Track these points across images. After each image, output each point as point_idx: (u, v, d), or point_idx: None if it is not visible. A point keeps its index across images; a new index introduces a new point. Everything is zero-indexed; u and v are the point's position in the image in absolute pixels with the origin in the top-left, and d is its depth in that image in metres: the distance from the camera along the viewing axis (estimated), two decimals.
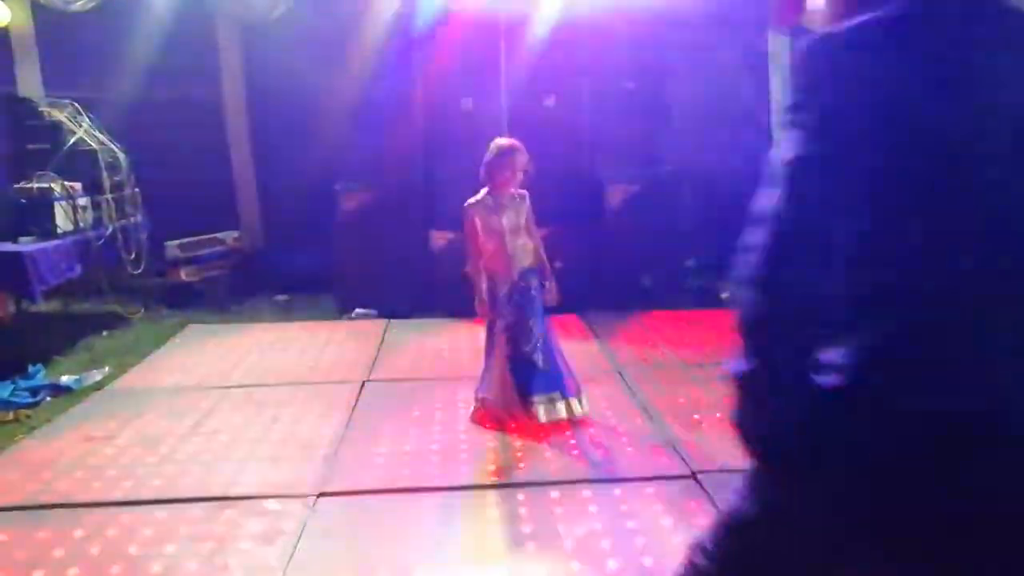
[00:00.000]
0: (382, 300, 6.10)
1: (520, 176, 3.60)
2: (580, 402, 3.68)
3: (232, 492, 3.03)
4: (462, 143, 6.06)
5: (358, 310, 6.08)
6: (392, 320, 5.75)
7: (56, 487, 3.08)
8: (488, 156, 3.59)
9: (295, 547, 2.62)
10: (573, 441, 3.49)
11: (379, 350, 5.01)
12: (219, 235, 6.75)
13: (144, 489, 3.06)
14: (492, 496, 3.00)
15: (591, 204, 6.35)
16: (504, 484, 3.09)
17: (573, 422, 3.63)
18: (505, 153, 3.55)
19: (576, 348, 4.71)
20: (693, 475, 3.09)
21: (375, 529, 2.75)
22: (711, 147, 6.56)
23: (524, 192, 3.68)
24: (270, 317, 6.11)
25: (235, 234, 6.88)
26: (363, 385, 4.32)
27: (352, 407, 3.97)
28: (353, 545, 2.64)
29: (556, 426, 3.61)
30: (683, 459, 3.23)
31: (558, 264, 6.18)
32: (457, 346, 5.04)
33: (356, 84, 6.18)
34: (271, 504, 2.94)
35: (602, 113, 6.33)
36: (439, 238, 6.18)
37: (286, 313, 6.22)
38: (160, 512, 2.89)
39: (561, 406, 3.63)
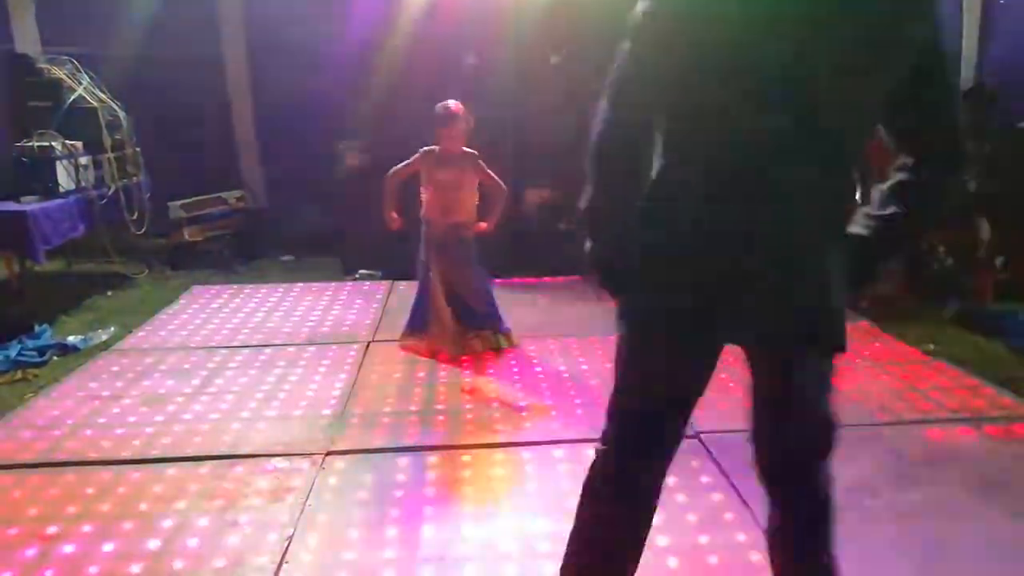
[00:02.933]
0: (385, 261, 6.08)
1: (462, 138, 4.00)
2: (510, 337, 4.26)
3: (240, 450, 3.06)
4: (467, 100, 5.99)
5: (362, 271, 6.08)
6: (396, 282, 5.74)
7: (66, 445, 3.11)
8: (435, 116, 4.01)
9: (305, 504, 2.65)
10: (578, 401, 3.51)
11: (383, 311, 5.02)
12: (223, 195, 6.71)
13: (153, 447, 3.09)
14: (498, 455, 3.03)
15: None
16: (509, 443, 3.12)
17: (570, 376, 3.74)
18: (443, 118, 3.97)
19: (579, 309, 4.73)
20: (696, 435, 3.12)
21: (383, 488, 2.78)
22: None
23: (474, 152, 4.08)
24: (275, 278, 6.10)
25: (238, 194, 6.84)
26: (368, 346, 4.33)
27: (358, 367, 3.99)
28: (362, 503, 2.68)
29: (562, 386, 3.66)
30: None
31: (562, 225, 6.19)
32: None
33: (358, 40, 6.08)
34: (279, 462, 2.97)
35: None
36: None
37: (290, 274, 6.21)
38: (169, 470, 2.92)
39: (496, 339, 4.20)
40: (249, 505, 2.66)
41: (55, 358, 4.29)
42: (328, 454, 3.02)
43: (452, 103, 4.00)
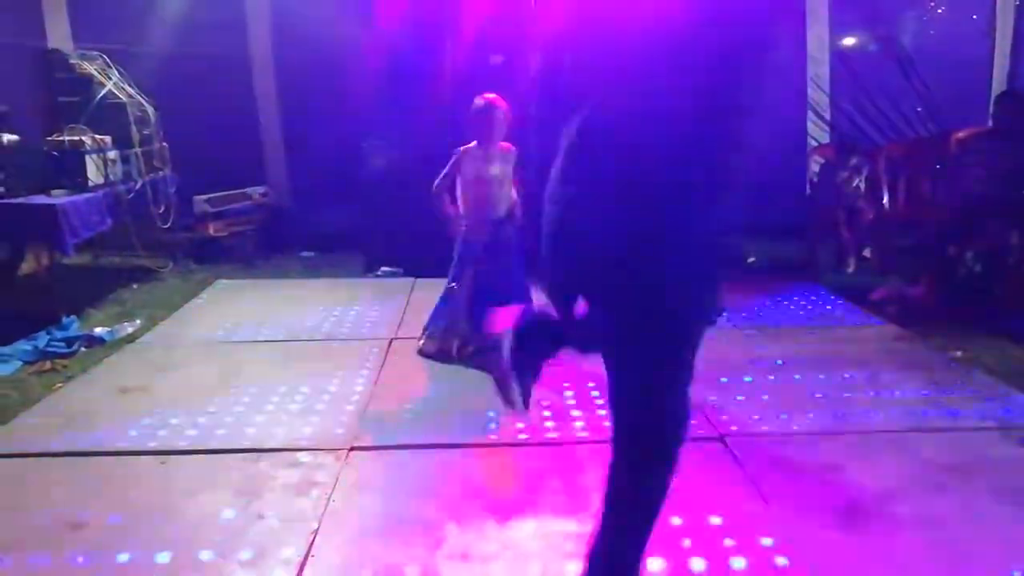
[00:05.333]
0: (407, 259, 6.11)
1: (502, 130, 3.96)
2: None
3: (265, 444, 3.08)
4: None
5: (384, 268, 6.11)
6: (417, 279, 5.76)
7: (95, 435, 3.15)
8: (474, 112, 4.00)
9: (329, 499, 2.66)
10: (601, 402, 3.50)
11: (405, 309, 5.04)
12: (247, 190, 6.76)
13: (179, 439, 3.12)
14: (522, 454, 3.02)
15: None
16: (533, 443, 3.12)
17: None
18: (482, 110, 3.95)
19: None
20: (720, 438, 3.10)
21: (407, 484, 2.79)
22: None
23: (511, 147, 4.02)
24: (297, 274, 6.15)
25: (262, 189, 6.90)
26: (390, 343, 4.35)
27: (380, 364, 4.01)
28: (386, 499, 2.68)
29: (585, 386, 3.65)
30: (709, 421, 3.23)
31: None
32: None
33: (384, 39, 6.11)
34: (303, 456, 2.98)
35: None
36: None
37: (313, 270, 6.26)
38: (195, 462, 2.95)
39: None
40: (274, 499, 2.68)
41: (83, 349, 4.35)
42: (352, 449, 3.04)
43: (491, 96, 3.98)
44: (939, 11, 7.51)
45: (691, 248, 1.65)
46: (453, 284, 4.12)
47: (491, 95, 3.99)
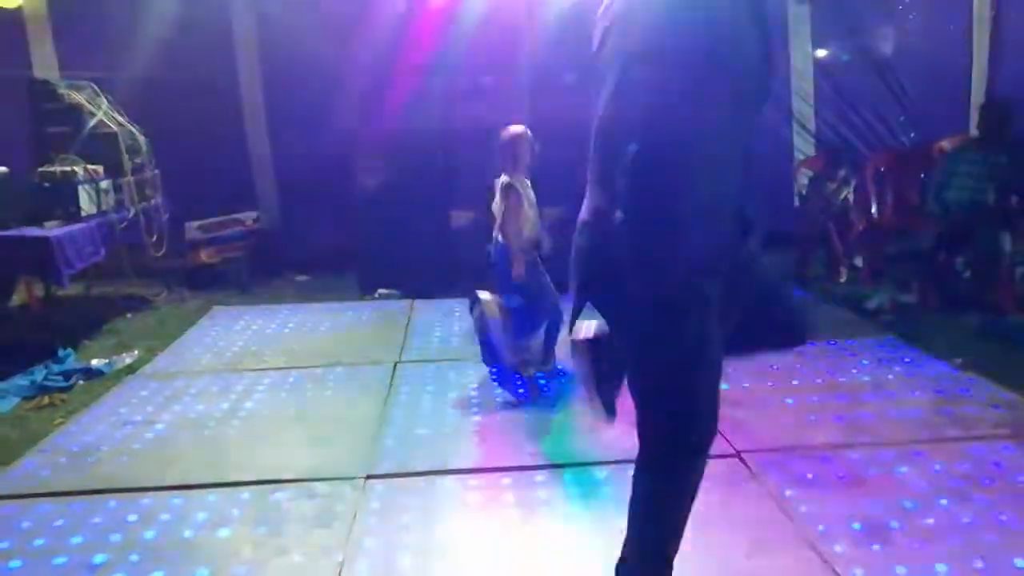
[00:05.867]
0: (403, 280, 6.09)
1: (529, 160, 3.97)
2: None
3: (280, 475, 3.04)
4: (484, 121, 6.03)
5: (380, 290, 6.08)
6: (416, 300, 5.74)
7: (103, 472, 3.10)
8: (503, 142, 3.98)
9: (350, 529, 2.63)
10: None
11: (407, 331, 5.01)
12: (239, 216, 6.72)
13: (191, 473, 3.07)
14: (540, 476, 3.01)
15: None
16: (550, 464, 3.10)
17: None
18: (519, 138, 3.95)
19: None
20: (737, 454, 3.10)
21: (430, 511, 2.76)
22: None
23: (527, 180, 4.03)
24: (293, 298, 6.10)
25: (254, 215, 6.85)
26: (395, 366, 4.32)
27: (388, 388, 3.98)
28: (408, 527, 2.66)
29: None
30: (726, 438, 3.23)
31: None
32: None
33: (373, 61, 6.12)
34: (320, 487, 2.95)
35: None
36: (460, 217, 6.16)
37: (308, 294, 6.22)
38: (210, 496, 2.90)
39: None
40: (295, 532, 2.64)
41: (81, 382, 4.28)
42: (368, 477, 3.01)
43: (519, 127, 4.01)
44: (917, 22, 7.64)
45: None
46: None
47: (518, 126, 4.02)
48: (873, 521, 2.59)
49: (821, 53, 7.59)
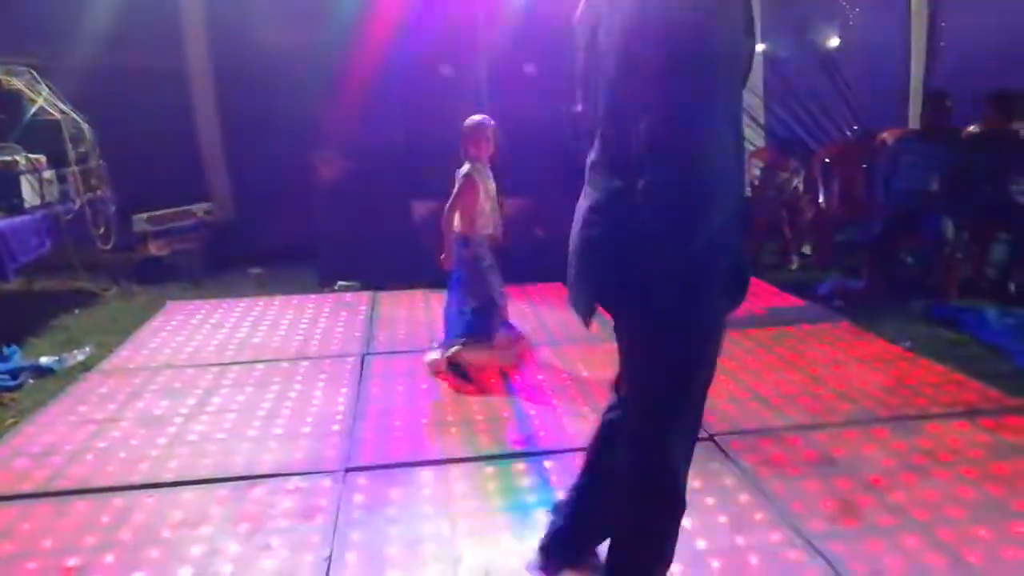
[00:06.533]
0: (364, 272, 6.02)
1: (491, 147, 3.97)
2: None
3: (256, 471, 2.98)
4: (442, 110, 5.97)
5: (340, 283, 6.00)
6: (378, 292, 5.68)
7: (69, 473, 2.98)
8: (465, 130, 3.96)
9: (335, 523, 2.60)
10: (586, 408, 3.54)
11: (372, 323, 4.96)
12: (191, 208, 6.52)
13: (163, 471, 2.99)
14: (520, 464, 3.02)
15: (572, 173, 6.34)
16: (530, 452, 3.12)
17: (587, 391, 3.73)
18: (481, 126, 3.95)
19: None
20: (711, 437, 3.18)
21: (411, 503, 2.75)
22: None
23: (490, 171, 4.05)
24: (248, 291, 5.96)
25: (206, 206, 6.67)
26: (363, 358, 4.28)
27: (358, 380, 3.94)
28: (393, 519, 2.64)
29: (567, 393, 3.70)
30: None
31: (539, 232, 6.22)
32: None
33: (329, 49, 6.00)
34: (298, 481, 2.90)
35: None
36: (421, 208, 6.10)
37: (264, 287, 6.08)
38: (186, 494, 2.82)
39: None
40: (278, 527, 2.60)
41: (30, 381, 4.11)
42: (348, 470, 2.98)
43: (482, 116, 4.01)
44: (859, 18, 7.90)
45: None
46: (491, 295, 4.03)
47: (480, 114, 4.01)
48: (845, 498, 2.69)
49: (769, 46, 7.78)
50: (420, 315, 5.12)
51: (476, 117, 4.01)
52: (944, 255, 5.27)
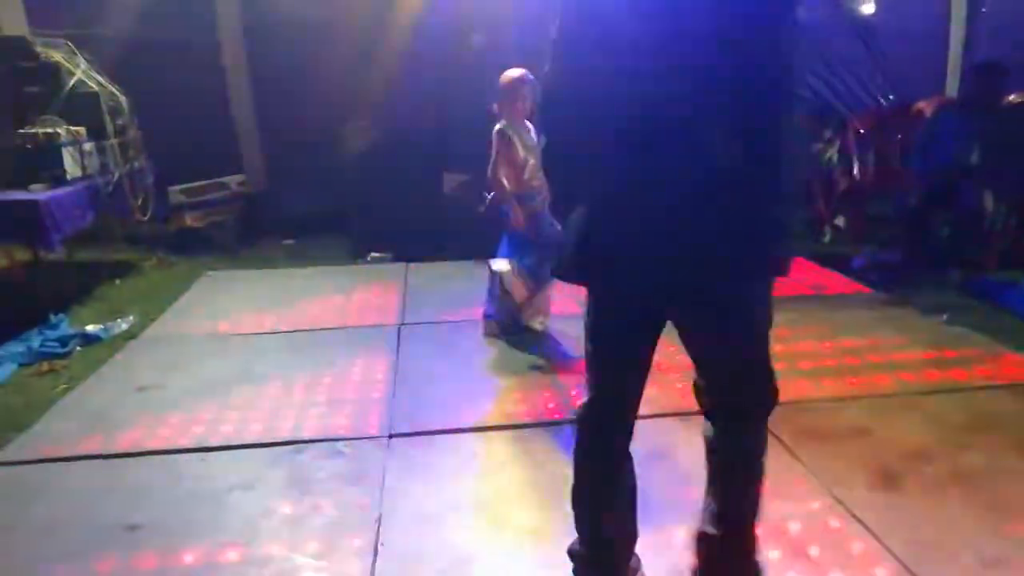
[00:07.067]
0: (395, 243, 6.07)
1: (529, 105, 3.83)
2: None
3: (303, 435, 3.06)
4: (474, 80, 5.97)
5: (373, 254, 6.06)
6: (410, 264, 5.74)
7: (123, 436, 3.09)
8: (500, 86, 3.87)
9: (382, 486, 2.68)
10: None
11: (405, 294, 5.02)
12: (224, 179, 6.60)
13: (213, 435, 3.08)
14: (556, 432, 3.07)
15: None
16: (565, 420, 3.17)
17: None
18: (515, 83, 3.83)
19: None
20: None
21: (456, 467, 2.82)
22: None
23: (530, 125, 3.92)
24: (283, 262, 6.05)
25: (240, 178, 6.74)
26: (399, 329, 4.34)
27: (395, 350, 4.00)
28: (439, 483, 2.71)
29: None
30: None
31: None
32: (482, 288, 5.05)
33: (360, 21, 6.01)
34: (344, 447, 2.98)
35: None
36: (452, 180, 6.13)
37: (299, 258, 6.16)
38: (237, 456, 2.92)
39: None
40: (327, 490, 2.68)
41: (78, 348, 4.22)
42: (392, 436, 3.05)
43: (518, 70, 3.87)
44: None
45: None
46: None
47: (518, 70, 3.87)
48: (884, 468, 2.72)
49: (800, 14, 7.62)
50: (454, 286, 5.17)
51: (513, 72, 3.88)
52: (983, 227, 5.20)
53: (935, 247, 5.55)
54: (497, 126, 3.89)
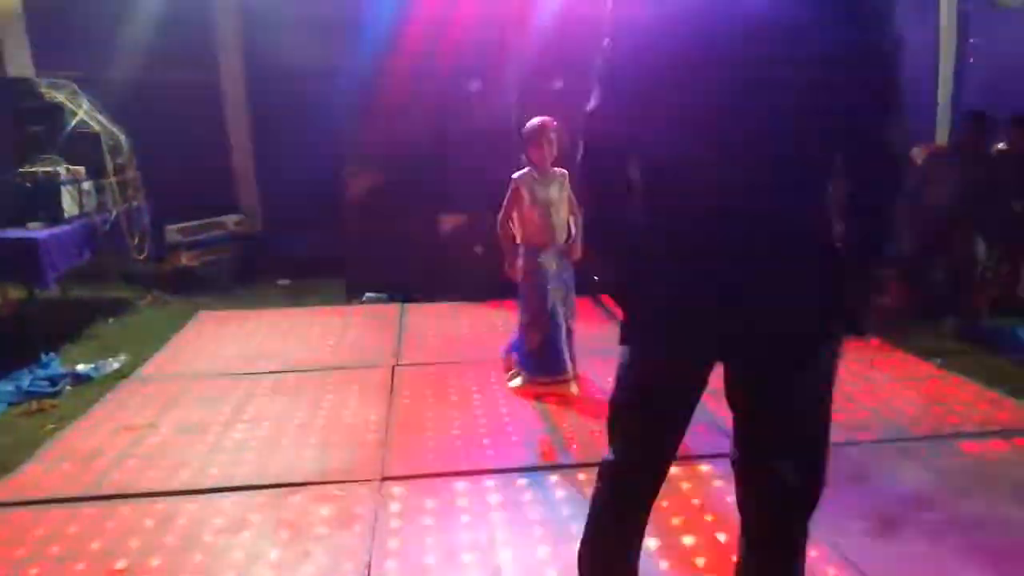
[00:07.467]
0: (392, 284, 6.08)
1: (554, 151, 3.79)
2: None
3: (294, 479, 3.02)
4: (471, 125, 6.05)
5: (368, 294, 6.06)
6: (405, 304, 5.74)
7: (112, 477, 3.04)
8: (524, 134, 3.84)
9: (373, 531, 2.64)
10: None
11: (401, 335, 5.01)
12: (220, 219, 6.64)
13: (203, 477, 3.04)
14: (553, 477, 3.04)
15: None
16: (562, 465, 3.14)
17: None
18: (535, 130, 3.79)
19: (597, 331, 4.76)
20: None
21: (447, 512, 2.78)
22: None
23: (564, 171, 3.87)
24: (278, 302, 6.05)
25: (236, 218, 6.78)
26: (393, 370, 4.32)
27: (389, 392, 3.98)
28: (430, 529, 2.67)
29: (591, 405, 3.71)
30: (728, 437, 3.30)
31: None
32: (478, 328, 5.06)
33: (359, 65, 6.10)
34: (336, 490, 2.94)
35: None
36: (448, 222, 6.17)
37: (294, 298, 6.17)
38: (226, 500, 2.87)
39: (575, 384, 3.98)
40: (317, 534, 2.63)
41: (68, 388, 4.19)
42: (384, 479, 3.01)
43: (543, 117, 3.83)
44: None
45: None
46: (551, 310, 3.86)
47: (543, 117, 3.82)
48: (882, 515, 2.69)
49: None
50: (448, 327, 5.17)
51: (536, 120, 3.83)
52: (975, 273, 5.24)
53: (930, 292, 5.58)
54: (515, 174, 3.87)
